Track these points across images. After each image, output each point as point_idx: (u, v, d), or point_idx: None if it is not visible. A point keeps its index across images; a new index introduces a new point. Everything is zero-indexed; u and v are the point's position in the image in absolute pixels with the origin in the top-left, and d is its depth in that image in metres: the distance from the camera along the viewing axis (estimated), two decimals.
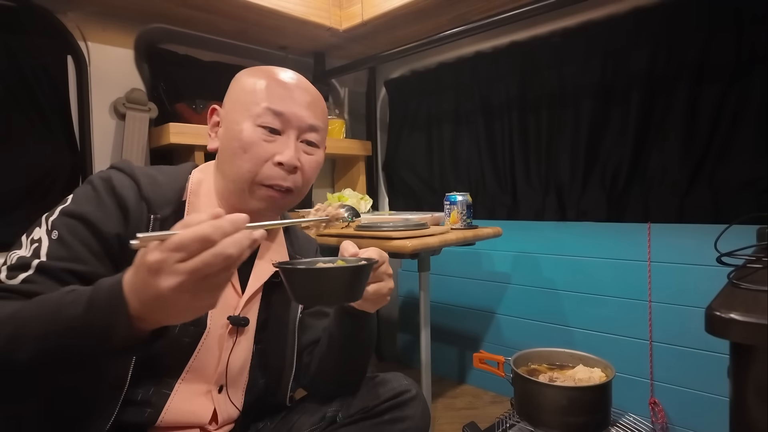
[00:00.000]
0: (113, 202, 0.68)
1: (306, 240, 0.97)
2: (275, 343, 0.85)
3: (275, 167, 0.73)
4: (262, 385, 0.85)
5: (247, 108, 0.73)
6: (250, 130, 0.72)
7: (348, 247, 0.77)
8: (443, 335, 2.11)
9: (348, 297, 0.66)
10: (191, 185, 0.78)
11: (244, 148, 0.72)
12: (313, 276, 0.63)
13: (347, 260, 0.72)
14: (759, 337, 0.46)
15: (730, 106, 1.34)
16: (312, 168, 0.79)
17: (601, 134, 1.59)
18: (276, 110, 0.73)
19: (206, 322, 0.74)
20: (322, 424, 0.82)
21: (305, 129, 0.76)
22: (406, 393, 0.83)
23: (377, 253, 0.75)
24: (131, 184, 0.71)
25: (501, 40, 1.81)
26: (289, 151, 0.74)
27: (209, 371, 0.76)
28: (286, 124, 0.74)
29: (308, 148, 0.78)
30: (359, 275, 0.65)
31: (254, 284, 0.80)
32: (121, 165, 0.73)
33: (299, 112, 0.75)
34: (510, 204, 1.86)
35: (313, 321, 0.90)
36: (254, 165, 0.73)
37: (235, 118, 0.74)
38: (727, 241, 0.73)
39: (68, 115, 1.50)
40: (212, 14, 1.58)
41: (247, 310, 0.80)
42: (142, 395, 0.71)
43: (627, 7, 1.49)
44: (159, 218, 0.71)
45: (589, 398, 1.07)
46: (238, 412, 0.79)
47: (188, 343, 0.74)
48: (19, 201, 1.38)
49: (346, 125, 2.17)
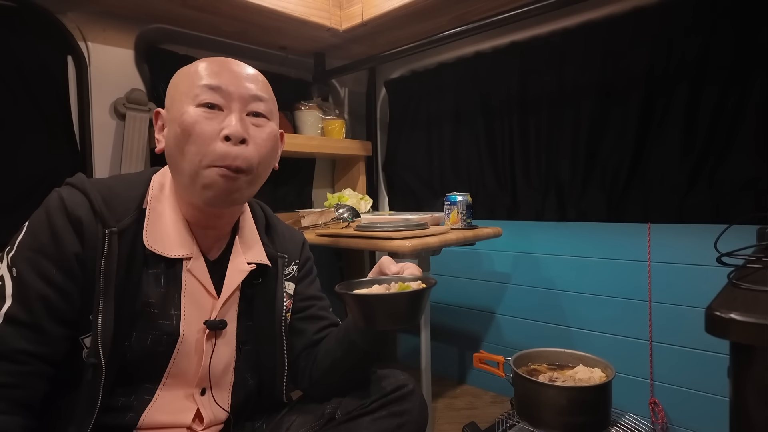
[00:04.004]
0: (66, 223, 0.67)
1: (290, 238, 0.93)
2: (264, 343, 0.83)
3: (222, 143, 0.68)
4: (253, 386, 0.84)
5: (186, 93, 0.70)
6: (190, 113, 0.68)
7: (389, 265, 0.79)
8: (443, 335, 2.11)
9: (414, 319, 0.69)
10: (153, 191, 0.76)
11: (188, 132, 0.68)
12: (382, 301, 0.66)
13: (404, 279, 0.74)
14: (759, 337, 0.46)
15: (729, 106, 1.34)
16: (264, 141, 0.73)
17: (601, 134, 1.59)
18: (212, 84, 0.70)
19: (179, 330, 0.73)
20: (321, 421, 0.82)
21: (248, 99, 0.72)
22: (404, 388, 0.83)
23: (418, 270, 0.77)
24: (83, 200, 0.69)
25: (501, 40, 1.81)
26: (232, 123, 0.69)
27: (189, 375, 0.75)
28: (226, 98, 0.70)
29: (256, 120, 0.73)
30: (423, 298, 0.68)
31: (230, 286, 0.78)
32: (75, 181, 0.71)
33: (238, 83, 0.71)
34: (510, 204, 1.86)
35: (305, 325, 0.89)
36: (200, 146, 0.68)
37: (177, 106, 0.70)
38: (727, 241, 0.73)
39: (68, 116, 1.50)
40: (212, 15, 1.58)
41: (224, 312, 0.78)
42: (122, 402, 0.71)
43: (627, 7, 1.49)
44: (116, 231, 0.69)
45: (589, 398, 1.07)
46: (225, 413, 0.79)
47: (163, 352, 0.73)
48: (18, 201, 1.39)
49: (346, 125, 2.17)
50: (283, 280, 0.86)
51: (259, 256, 0.83)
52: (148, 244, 0.72)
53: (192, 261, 0.75)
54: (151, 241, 0.72)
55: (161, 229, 0.74)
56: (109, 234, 0.68)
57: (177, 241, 0.74)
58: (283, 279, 0.86)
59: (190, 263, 0.75)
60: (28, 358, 0.64)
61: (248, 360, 0.83)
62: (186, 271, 0.75)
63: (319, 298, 0.94)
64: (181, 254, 0.74)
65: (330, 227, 1.64)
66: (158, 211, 0.75)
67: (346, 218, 1.69)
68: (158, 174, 0.79)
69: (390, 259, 0.80)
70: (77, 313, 0.68)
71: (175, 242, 0.74)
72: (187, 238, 0.75)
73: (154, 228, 0.73)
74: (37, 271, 0.65)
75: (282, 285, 0.85)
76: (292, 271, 0.90)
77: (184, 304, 0.74)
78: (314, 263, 0.98)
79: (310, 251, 0.97)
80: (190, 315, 0.74)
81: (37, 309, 0.64)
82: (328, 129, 2.07)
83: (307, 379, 0.87)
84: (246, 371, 0.83)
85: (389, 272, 0.78)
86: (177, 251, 0.74)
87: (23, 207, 1.38)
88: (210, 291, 0.77)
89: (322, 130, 2.06)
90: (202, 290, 0.76)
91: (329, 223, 1.69)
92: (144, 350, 0.71)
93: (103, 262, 0.67)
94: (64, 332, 0.67)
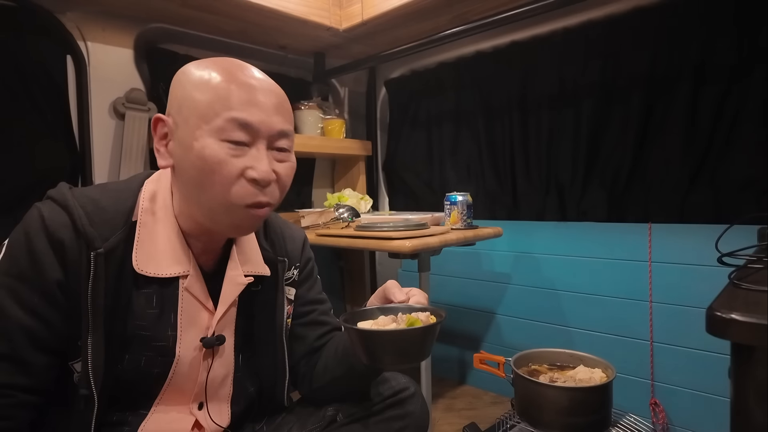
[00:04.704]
0: (47, 246, 0.62)
1: (290, 238, 0.87)
2: (264, 350, 0.81)
3: (248, 184, 0.64)
4: (253, 392, 0.82)
5: (204, 120, 0.62)
6: (213, 147, 0.62)
7: (396, 292, 0.74)
8: (443, 335, 2.10)
9: (423, 357, 0.65)
10: (143, 201, 0.70)
11: (211, 170, 0.62)
12: (390, 338, 0.62)
13: (413, 308, 0.70)
14: (760, 338, 0.46)
15: (730, 106, 1.33)
16: (287, 176, 0.69)
17: (601, 134, 1.58)
18: (242, 121, 0.62)
19: (175, 350, 0.69)
20: (322, 423, 0.81)
21: (276, 136, 0.66)
22: (405, 390, 0.83)
23: (424, 296, 0.74)
24: (65, 219, 0.63)
25: (501, 40, 1.81)
26: (262, 166, 0.64)
27: (186, 392, 0.73)
28: (254, 135, 0.64)
29: (280, 155, 0.68)
30: (434, 333, 0.64)
31: (227, 299, 0.74)
32: (56, 195, 0.66)
33: (267, 119, 0.64)
34: (510, 204, 1.85)
35: (306, 331, 0.87)
36: (225, 186, 0.63)
37: (191, 132, 0.62)
38: (727, 242, 0.73)
39: (68, 115, 1.50)
40: (212, 14, 1.58)
41: (221, 326, 0.74)
42: (117, 417, 0.70)
43: (627, 7, 1.49)
44: (102, 252, 0.63)
45: (590, 399, 1.07)
46: (224, 424, 0.77)
47: (158, 373, 0.69)
48: (18, 201, 1.39)
49: (346, 125, 2.17)
50: (283, 285, 0.82)
51: (257, 267, 0.78)
52: (139, 267, 0.67)
53: (189, 278, 0.70)
54: (142, 263, 0.67)
55: (153, 246, 0.68)
56: (94, 257, 0.63)
57: (171, 258, 0.69)
58: (284, 284, 0.82)
59: (186, 281, 0.70)
60: (11, 391, 0.61)
61: (248, 369, 0.80)
62: (183, 290, 0.70)
63: (320, 301, 0.90)
64: (177, 272, 0.69)
65: (330, 227, 1.64)
66: (149, 227, 0.69)
67: (346, 218, 1.69)
68: (150, 181, 0.73)
69: (395, 283, 0.76)
70: (63, 341, 0.64)
71: (169, 259, 0.69)
72: (183, 253, 0.70)
73: (145, 246, 0.68)
74: (16, 299, 0.62)
75: (282, 291, 0.82)
76: (292, 276, 0.85)
77: (180, 324, 0.70)
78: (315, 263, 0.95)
79: (311, 251, 0.93)
80: (187, 334, 0.71)
81: (18, 340, 0.61)
82: (328, 129, 2.07)
83: (307, 385, 0.86)
84: (245, 380, 0.80)
85: (395, 299, 0.74)
86: (172, 269, 0.69)
87: (22, 207, 1.36)
88: (207, 306, 0.73)
89: (322, 129, 2.06)
90: (198, 306, 0.72)
91: (329, 223, 1.69)
92: (138, 373, 0.68)
93: (90, 287, 0.63)
94: (49, 360, 0.64)
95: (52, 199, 0.66)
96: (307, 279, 0.90)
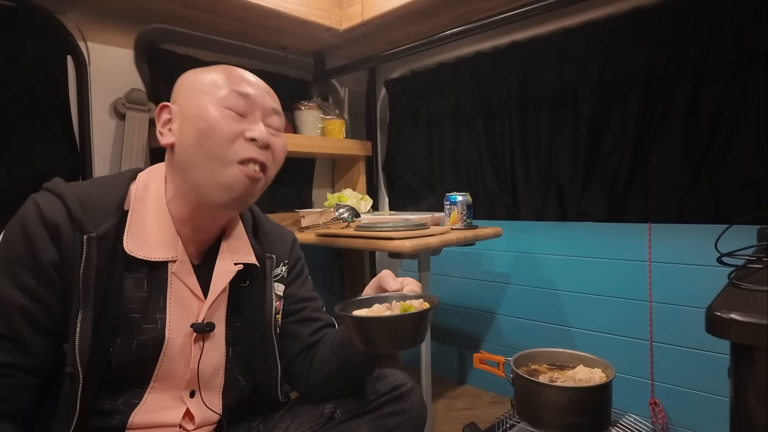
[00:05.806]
0: (43, 230, 0.65)
1: (279, 238, 0.91)
2: (254, 345, 0.82)
3: (247, 144, 0.70)
4: (246, 387, 0.83)
5: (208, 93, 0.70)
6: (216, 110, 0.69)
7: (390, 281, 0.76)
8: (443, 335, 2.11)
9: (417, 342, 0.66)
10: (136, 191, 0.73)
11: (212, 127, 0.68)
12: (384, 324, 0.64)
13: (407, 296, 0.72)
14: (759, 337, 0.46)
15: (730, 106, 1.33)
16: (280, 150, 0.76)
17: (601, 134, 1.59)
18: (242, 91, 0.71)
19: (164, 334, 0.72)
20: (320, 421, 0.82)
21: (269, 112, 0.75)
22: (403, 386, 0.83)
23: (418, 285, 0.75)
24: (60, 206, 0.67)
25: (501, 40, 1.81)
26: (259, 127, 0.71)
27: (177, 378, 0.74)
28: (251, 106, 0.72)
29: (273, 131, 0.75)
30: (427, 319, 0.66)
31: (217, 288, 0.76)
32: (51, 186, 0.70)
33: (262, 96, 0.74)
34: (510, 204, 1.85)
35: (300, 328, 0.88)
36: (223, 142, 0.69)
37: (197, 103, 0.70)
38: (727, 242, 0.73)
39: (68, 115, 1.50)
40: (212, 14, 1.58)
41: (211, 314, 0.76)
42: (108, 405, 0.70)
43: (627, 7, 1.49)
44: (94, 237, 0.67)
45: (590, 398, 1.07)
46: (215, 414, 0.78)
47: (149, 357, 0.71)
48: (19, 201, 1.38)
49: (346, 125, 2.17)
50: (272, 281, 0.84)
51: (246, 257, 0.81)
52: (129, 249, 0.70)
53: (177, 264, 0.73)
54: (133, 246, 0.70)
55: (144, 231, 0.72)
56: (87, 240, 0.66)
57: (161, 243, 0.72)
58: (272, 280, 0.84)
59: (175, 266, 0.73)
60: (11, 370, 0.63)
61: (239, 361, 0.81)
62: (171, 274, 0.73)
63: (311, 299, 0.92)
64: (166, 257, 0.72)
65: (330, 227, 1.64)
66: (141, 213, 0.72)
67: (346, 218, 1.69)
68: (143, 173, 0.77)
69: (390, 273, 0.78)
70: (58, 322, 0.66)
71: (159, 244, 0.72)
72: (173, 239, 0.73)
73: (137, 230, 0.71)
74: (14, 283, 0.64)
75: (271, 286, 0.83)
76: (281, 272, 0.87)
77: (169, 308, 0.73)
78: (307, 263, 0.96)
79: (300, 250, 0.94)
80: (176, 318, 0.73)
81: (17, 321, 0.63)
82: (328, 129, 2.07)
83: (304, 382, 0.86)
84: (237, 372, 0.81)
85: (389, 288, 0.76)
86: (161, 254, 0.72)
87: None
88: (196, 293, 0.75)
89: (322, 130, 2.06)
90: (188, 293, 0.74)
91: (329, 223, 1.69)
92: (129, 357, 0.70)
93: (82, 269, 0.65)
94: (47, 342, 0.66)
95: (47, 189, 0.70)
96: (297, 277, 0.92)
